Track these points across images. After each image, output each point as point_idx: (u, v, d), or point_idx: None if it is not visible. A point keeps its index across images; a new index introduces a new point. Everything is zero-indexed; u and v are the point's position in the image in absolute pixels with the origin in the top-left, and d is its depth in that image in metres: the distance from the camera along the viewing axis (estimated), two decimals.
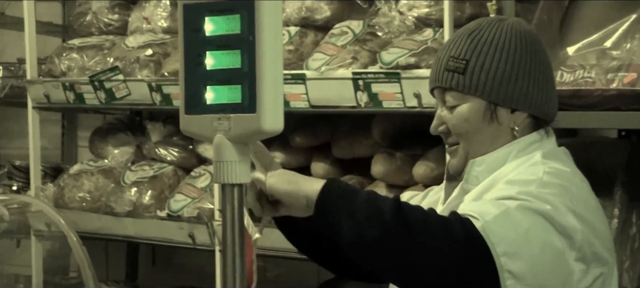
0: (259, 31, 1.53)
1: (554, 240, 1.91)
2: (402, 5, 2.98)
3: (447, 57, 2.05)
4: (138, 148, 3.69)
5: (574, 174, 2.06)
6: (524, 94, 2.02)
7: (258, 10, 1.52)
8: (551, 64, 2.09)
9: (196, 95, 1.58)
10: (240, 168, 1.58)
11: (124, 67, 3.47)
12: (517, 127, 2.04)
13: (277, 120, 1.54)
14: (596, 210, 2.03)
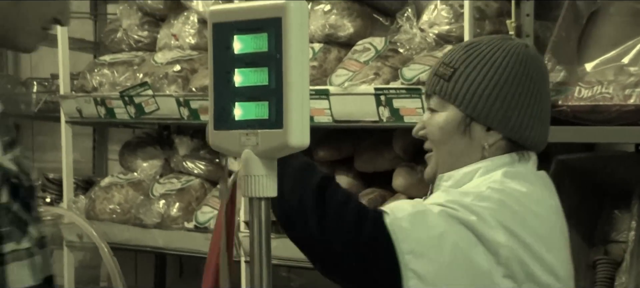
0: (286, 49, 1.53)
1: (475, 252, 1.85)
2: (423, 23, 2.97)
3: (440, 63, 2.01)
4: (166, 162, 3.69)
5: (530, 196, 1.94)
6: (502, 114, 1.95)
7: (285, 28, 1.52)
8: (547, 95, 2.01)
9: (225, 111, 1.58)
10: (267, 183, 1.58)
11: (153, 82, 3.47)
12: (488, 145, 1.96)
13: (304, 136, 1.54)
14: (545, 235, 1.93)
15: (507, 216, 1.88)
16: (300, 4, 1.55)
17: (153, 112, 3.48)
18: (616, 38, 2.71)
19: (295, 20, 1.53)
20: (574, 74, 2.69)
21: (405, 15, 3.00)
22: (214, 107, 1.60)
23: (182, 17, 3.56)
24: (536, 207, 1.94)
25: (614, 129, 2.63)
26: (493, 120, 1.95)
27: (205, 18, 3.45)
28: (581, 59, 2.72)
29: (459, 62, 1.97)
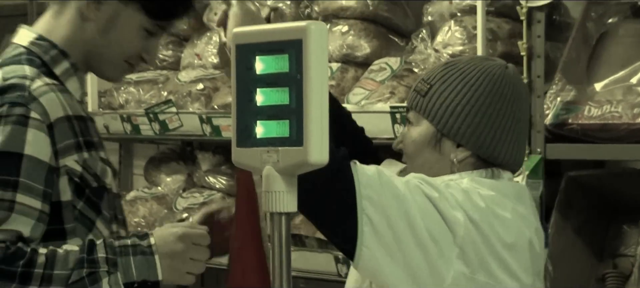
0: (306, 70, 1.53)
1: (432, 223, 1.82)
2: (438, 44, 2.97)
3: (420, 79, 2.02)
4: (189, 177, 3.70)
5: (494, 200, 1.90)
6: (471, 132, 1.93)
7: (305, 50, 1.53)
8: (524, 116, 1.98)
9: (247, 129, 1.59)
10: (288, 198, 1.58)
11: (176, 100, 3.49)
12: (457, 161, 1.95)
13: (323, 153, 1.54)
14: (506, 238, 1.88)
15: (470, 207, 1.86)
16: (320, 26, 1.55)
17: (177, 128, 3.49)
18: (625, 59, 2.71)
19: (315, 42, 1.53)
20: (583, 93, 2.69)
21: (420, 36, 3.01)
22: (237, 125, 1.61)
23: (205, 37, 3.58)
24: (501, 211, 1.90)
25: (622, 147, 2.64)
26: (462, 136, 1.94)
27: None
28: (591, 78, 2.72)
29: (436, 79, 1.96)
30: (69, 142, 2.00)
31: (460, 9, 2.97)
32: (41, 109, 1.96)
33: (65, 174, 1.99)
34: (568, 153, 2.74)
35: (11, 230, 1.91)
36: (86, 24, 2.06)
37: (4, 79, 2.00)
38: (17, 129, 1.94)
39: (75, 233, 2.01)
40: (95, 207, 2.04)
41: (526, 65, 2.72)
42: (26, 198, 1.93)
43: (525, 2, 2.71)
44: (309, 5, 3.27)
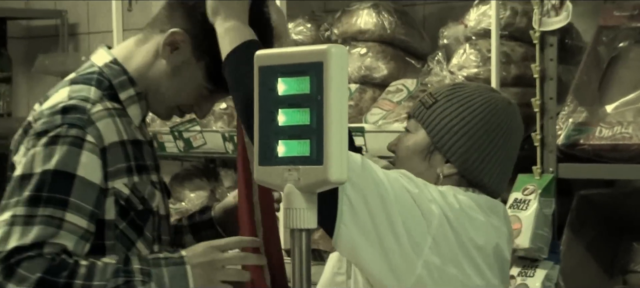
0: (327, 91, 1.54)
1: (409, 213, 1.86)
2: (453, 66, 2.97)
3: (428, 92, 2.07)
4: (212, 193, 3.71)
5: (470, 206, 1.95)
6: (463, 152, 1.98)
7: (326, 72, 1.54)
8: (514, 151, 2.03)
9: (269, 148, 1.59)
10: (308, 215, 1.59)
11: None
12: (443, 175, 1.99)
13: (342, 172, 1.55)
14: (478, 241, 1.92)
15: (445, 205, 1.90)
16: (340, 49, 1.56)
17: (200, 146, 3.50)
18: (635, 81, 2.71)
19: (336, 64, 1.54)
20: (595, 114, 2.69)
21: (436, 59, 3.01)
22: (259, 144, 1.62)
23: None
24: (474, 213, 1.95)
25: (633, 167, 2.63)
26: (453, 154, 1.98)
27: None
28: (602, 100, 2.71)
29: (442, 96, 2.02)
30: (120, 166, 2.03)
31: (475, 32, 2.97)
32: (97, 133, 2.00)
33: (113, 196, 2.03)
34: (579, 173, 2.74)
35: (57, 243, 1.95)
36: (158, 61, 2.08)
37: (69, 97, 2.03)
38: (72, 150, 1.97)
39: (114, 251, 2.04)
40: (137, 228, 2.07)
41: (539, 87, 2.72)
42: (75, 218, 1.96)
43: (538, 26, 2.71)
44: (329, 28, 3.28)
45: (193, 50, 2.06)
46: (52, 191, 1.95)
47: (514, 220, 2.69)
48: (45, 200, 1.95)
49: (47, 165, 1.96)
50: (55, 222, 1.94)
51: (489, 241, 1.95)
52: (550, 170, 2.71)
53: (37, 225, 1.93)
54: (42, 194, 1.95)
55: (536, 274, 2.69)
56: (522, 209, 2.69)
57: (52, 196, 1.95)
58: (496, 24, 2.80)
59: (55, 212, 1.94)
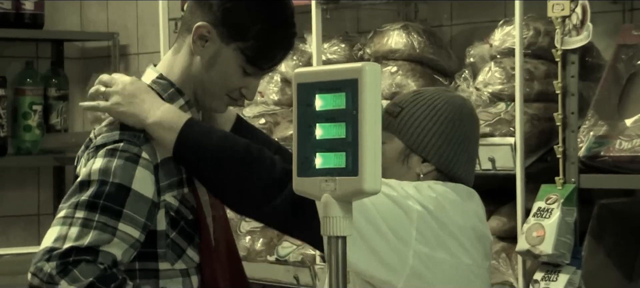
0: (361, 107, 1.53)
1: (389, 213, 1.92)
2: (479, 83, 2.95)
3: (391, 103, 2.14)
4: None
5: (449, 193, 2.02)
6: (436, 149, 2.05)
7: (360, 88, 1.53)
8: (476, 141, 2.12)
9: (307, 160, 1.59)
10: (344, 223, 1.58)
11: None
12: (422, 174, 2.06)
13: (376, 182, 1.54)
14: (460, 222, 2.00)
15: (422, 198, 1.96)
16: (373, 67, 1.55)
17: None
18: None
19: (370, 81, 1.54)
20: (614, 128, 2.67)
21: (463, 76, 2.99)
22: (298, 156, 1.61)
23: (267, 77, 3.58)
24: (452, 197, 2.02)
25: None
26: (428, 152, 2.05)
27: (287, 78, 3.47)
28: (621, 115, 2.69)
29: (407, 103, 2.10)
30: (172, 180, 2.05)
31: (499, 51, 2.95)
32: (151, 150, 2.02)
33: (164, 208, 2.04)
34: (600, 183, 2.71)
35: (109, 253, 1.97)
36: (195, 59, 2.09)
37: None
38: (128, 165, 1.99)
39: (166, 258, 2.06)
40: (188, 237, 2.07)
41: (561, 103, 2.70)
42: (128, 228, 1.98)
43: (560, 45, 2.69)
44: (362, 48, 3.26)
45: (221, 37, 2.05)
46: (108, 200, 1.97)
47: (537, 227, 2.67)
48: (102, 208, 1.97)
49: (105, 176, 1.98)
50: (109, 230, 1.96)
51: (467, 221, 2.03)
52: (572, 180, 2.69)
53: (93, 230, 1.95)
54: (100, 202, 1.97)
55: (559, 279, 2.67)
56: (546, 217, 2.67)
57: (108, 205, 1.97)
58: (520, 43, 2.78)
59: (110, 221, 1.96)
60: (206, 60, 2.08)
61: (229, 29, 2.05)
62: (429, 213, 1.96)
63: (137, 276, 2.04)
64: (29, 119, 4.29)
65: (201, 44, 2.07)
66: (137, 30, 4.38)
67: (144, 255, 2.03)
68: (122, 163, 1.99)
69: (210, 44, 2.06)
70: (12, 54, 4.38)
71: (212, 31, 2.06)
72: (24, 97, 4.30)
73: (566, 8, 2.67)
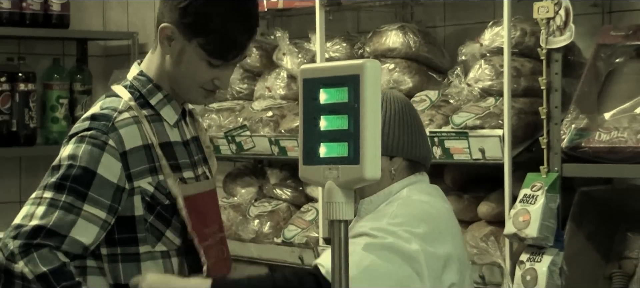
0: (362, 100, 1.53)
1: (397, 267, 1.96)
2: (470, 79, 2.94)
3: None
4: (260, 189, 3.69)
5: (429, 204, 2.09)
6: (397, 142, 2.10)
7: (362, 84, 1.52)
8: (420, 121, 2.19)
9: (312, 150, 1.58)
10: (346, 208, 1.57)
11: (250, 125, 3.48)
12: (394, 170, 2.10)
13: (376, 170, 1.54)
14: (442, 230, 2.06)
15: (417, 226, 2.01)
16: (374, 63, 1.54)
17: (250, 149, 3.48)
18: (630, 92, 2.67)
19: (370, 76, 1.53)
20: (594, 121, 2.65)
21: (455, 73, 2.97)
22: (303, 146, 1.60)
23: (274, 73, 3.57)
24: (434, 211, 2.09)
25: (627, 167, 2.58)
26: (393, 149, 2.11)
27: (293, 74, 3.45)
28: (601, 109, 2.68)
29: None
30: (143, 167, 2.01)
31: (489, 50, 2.93)
32: (118, 138, 1.99)
33: (139, 194, 2.00)
34: (581, 172, 2.70)
35: (78, 241, 1.93)
36: (166, 58, 2.06)
37: (101, 108, 2.04)
38: (95, 151, 1.97)
39: (146, 241, 2.03)
40: (165, 220, 2.04)
41: (545, 98, 2.68)
42: (93, 209, 1.95)
43: (545, 44, 2.67)
44: (362, 46, 3.24)
45: (183, 35, 2.01)
46: (74, 182, 1.95)
47: (523, 213, 2.65)
48: (69, 189, 1.94)
49: (73, 160, 1.96)
50: (75, 211, 1.93)
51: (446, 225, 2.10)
52: (555, 169, 2.67)
53: (59, 209, 1.92)
54: (66, 183, 1.95)
55: (543, 260, 2.65)
56: (531, 203, 2.65)
57: (74, 187, 1.94)
58: (508, 42, 2.76)
59: (76, 202, 1.93)
60: (174, 58, 2.04)
61: (188, 27, 2.01)
62: (425, 243, 1.99)
63: (120, 260, 2.02)
64: (56, 111, 4.28)
65: (168, 43, 2.04)
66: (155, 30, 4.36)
67: (125, 240, 2.00)
68: (90, 149, 1.96)
69: (175, 42, 2.03)
70: (40, 52, 4.36)
71: (175, 31, 2.02)
72: (51, 91, 4.28)
73: (551, 10, 2.65)
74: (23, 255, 1.90)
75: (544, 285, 2.62)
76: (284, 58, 3.44)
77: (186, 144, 2.12)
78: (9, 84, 4.07)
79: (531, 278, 2.64)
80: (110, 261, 2.00)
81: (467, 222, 2.96)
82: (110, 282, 2.01)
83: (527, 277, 2.65)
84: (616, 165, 2.60)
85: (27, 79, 4.13)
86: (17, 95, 4.09)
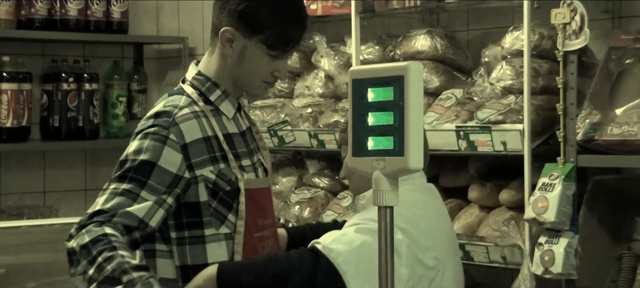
0: (407, 98, 1.53)
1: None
2: (493, 79, 2.92)
3: (343, 126, 2.27)
4: (299, 178, 3.70)
5: (416, 203, 2.09)
6: None
7: (406, 83, 1.53)
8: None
9: (361, 143, 1.58)
10: (392, 195, 1.58)
11: (291, 120, 3.49)
12: None
13: (419, 161, 1.54)
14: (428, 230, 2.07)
15: (401, 219, 1.99)
16: (417, 66, 1.54)
17: (291, 142, 3.49)
18: (639, 90, 2.64)
19: (414, 77, 1.53)
20: (606, 116, 2.63)
21: (479, 73, 2.96)
22: (353, 140, 1.60)
23: (313, 73, 3.57)
24: (422, 211, 2.07)
25: (637, 158, 2.56)
26: None
27: (329, 74, 3.45)
28: (612, 105, 2.65)
29: None
30: (204, 157, 2.02)
31: (510, 52, 2.91)
32: (178, 132, 2.00)
33: (202, 181, 2.01)
34: (594, 163, 2.68)
35: (131, 214, 1.91)
36: (227, 59, 2.07)
37: (163, 106, 2.05)
38: (157, 145, 1.98)
39: (211, 224, 2.04)
40: (227, 205, 2.05)
41: (562, 95, 2.66)
42: (149, 195, 1.95)
43: (562, 47, 2.65)
44: (393, 49, 3.24)
45: (243, 35, 2.02)
46: (136, 173, 1.96)
47: (542, 199, 2.64)
48: (129, 179, 1.95)
49: (137, 155, 1.97)
50: (132, 196, 1.94)
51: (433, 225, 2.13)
52: (571, 160, 2.66)
53: (118, 195, 1.94)
54: (129, 174, 1.96)
55: (560, 242, 2.64)
56: (549, 191, 2.64)
57: (135, 176, 1.96)
58: (527, 45, 2.74)
59: (134, 188, 1.94)
60: (236, 58, 2.06)
61: (247, 27, 2.02)
62: (410, 237, 2.01)
63: (187, 243, 2.02)
64: (116, 108, 4.31)
65: (229, 45, 2.05)
66: (203, 34, 4.38)
67: (192, 224, 2.01)
68: (152, 144, 1.97)
69: (236, 43, 2.04)
70: (102, 55, 4.40)
71: (235, 33, 2.03)
72: (112, 90, 4.32)
73: (567, 16, 2.63)
74: (75, 232, 1.91)
75: (561, 265, 2.61)
76: (321, 60, 3.44)
77: (243, 134, 2.14)
78: (76, 83, 4.11)
79: (549, 259, 2.63)
80: (178, 244, 2.01)
81: (490, 207, 2.95)
82: (177, 264, 2.02)
83: (546, 257, 2.64)
84: (627, 156, 2.57)
85: (91, 80, 4.17)
86: (83, 94, 4.13)
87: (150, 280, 1.82)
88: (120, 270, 1.81)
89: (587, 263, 2.66)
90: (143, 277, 1.81)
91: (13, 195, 4.08)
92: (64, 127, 4.09)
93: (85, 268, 1.83)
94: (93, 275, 1.82)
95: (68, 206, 4.16)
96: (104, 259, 1.83)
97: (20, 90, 3.93)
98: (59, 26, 4.06)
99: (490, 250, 2.80)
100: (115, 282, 1.80)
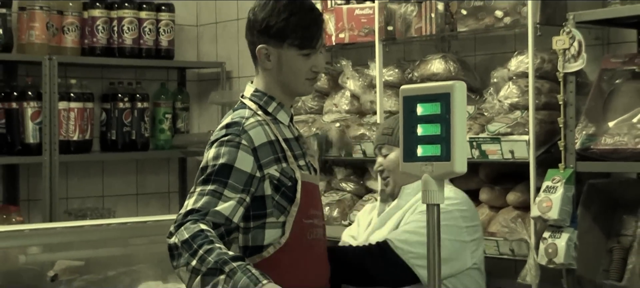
0: (452, 113, 1.58)
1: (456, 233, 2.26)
2: (500, 97, 2.97)
3: (382, 130, 2.41)
4: (328, 183, 3.72)
5: (456, 201, 2.34)
6: None
7: (452, 100, 1.59)
8: None
9: (411, 150, 1.64)
10: (439, 195, 1.63)
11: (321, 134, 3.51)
12: None
13: (463, 166, 1.60)
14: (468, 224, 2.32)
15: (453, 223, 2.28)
16: (461, 84, 1.60)
17: None
18: (628, 106, 2.68)
19: (458, 94, 1.59)
20: (600, 128, 2.67)
21: (489, 92, 3.00)
22: (404, 147, 1.66)
23: (340, 93, 3.61)
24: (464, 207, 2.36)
25: (626, 164, 2.61)
26: None
27: (354, 94, 3.49)
28: (605, 119, 2.69)
29: (394, 123, 2.39)
30: (269, 158, 2.06)
31: (515, 73, 2.95)
32: (248, 138, 2.05)
33: (268, 179, 2.06)
34: (591, 168, 2.72)
35: (220, 212, 1.94)
36: (271, 72, 2.11)
37: (232, 118, 2.10)
38: (232, 150, 2.03)
39: (272, 214, 2.08)
40: (288, 198, 2.09)
41: (562, 111, 2.71)
42: (230, 193, 2.00)
43: (562, 69, 2.70)
44: (411, 72, 3.28)
45: (274, 46, 2.06)
46: (217, 175, 2.00)
47: (546, 200, 2.69)
48: (213, 181, 2.00)
49: (216, 160, 2.02)
50: (217, 195, 1.98)
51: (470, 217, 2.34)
52: (570, 166, 2.70)
53: (205, 196, 1.98)
54: (211, 177, 2.00)
55: (562, 236, 2.68)
56: (552, 193, 2.68)
57: (217, 179, 2.00)
58: (532, 67, 2.79)
59: (218, 188, 1.99)
60: (277, 67, 2.10)
61: (275, 38, 2.06)
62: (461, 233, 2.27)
63: (251, 230, 2.07)
64: (162, 124, 4.37)
65: (267, 59, 2.09)
66: (238, 60, 4.44)
67: (257, 216, 2.06)
68: (228, 150, 2.01)
69: (272, 56, 2.08)
70: (151, 78, 4.45)
71: (268, 47, 2.07)
72: (159, 108, 4.38)
73: (566, 42, 2.68)
74: (175, 229, 1.96)
75: (563, 256, 2.65)
76: (347, 81, 3.48)
77: (296, 139, 2.19)
78: (129, 103, 4.18)
79: (552, 251, 2.67)
80: (244, 233, 2.06)
81: (498, 207, 2.99)
82: (240, 245, 2.07)
83: (549, 249, 2.68)
84: (617, 162, 2.61)
85: (142, 99, 4.23)
86: (135, 111, 4.19)
87: (248, 267, 1.87)
88: (221, 260, 1.86)
89: (583, 255, 2.70)
90: (242, 265, 1.87)
91: (77, 199, 4.14)
92: (120, 140, 4.16)
93: (188, 261, 1.87)
94: (196, 266, 1.87)
95: (123, 208, 4.23)
96: (205, 251, 1.88)
97: (85, 108, 4.00)
98: (116, 53, 4.14)
99: (500, 244, 2.84)
100: (218, 272, 1.85)
